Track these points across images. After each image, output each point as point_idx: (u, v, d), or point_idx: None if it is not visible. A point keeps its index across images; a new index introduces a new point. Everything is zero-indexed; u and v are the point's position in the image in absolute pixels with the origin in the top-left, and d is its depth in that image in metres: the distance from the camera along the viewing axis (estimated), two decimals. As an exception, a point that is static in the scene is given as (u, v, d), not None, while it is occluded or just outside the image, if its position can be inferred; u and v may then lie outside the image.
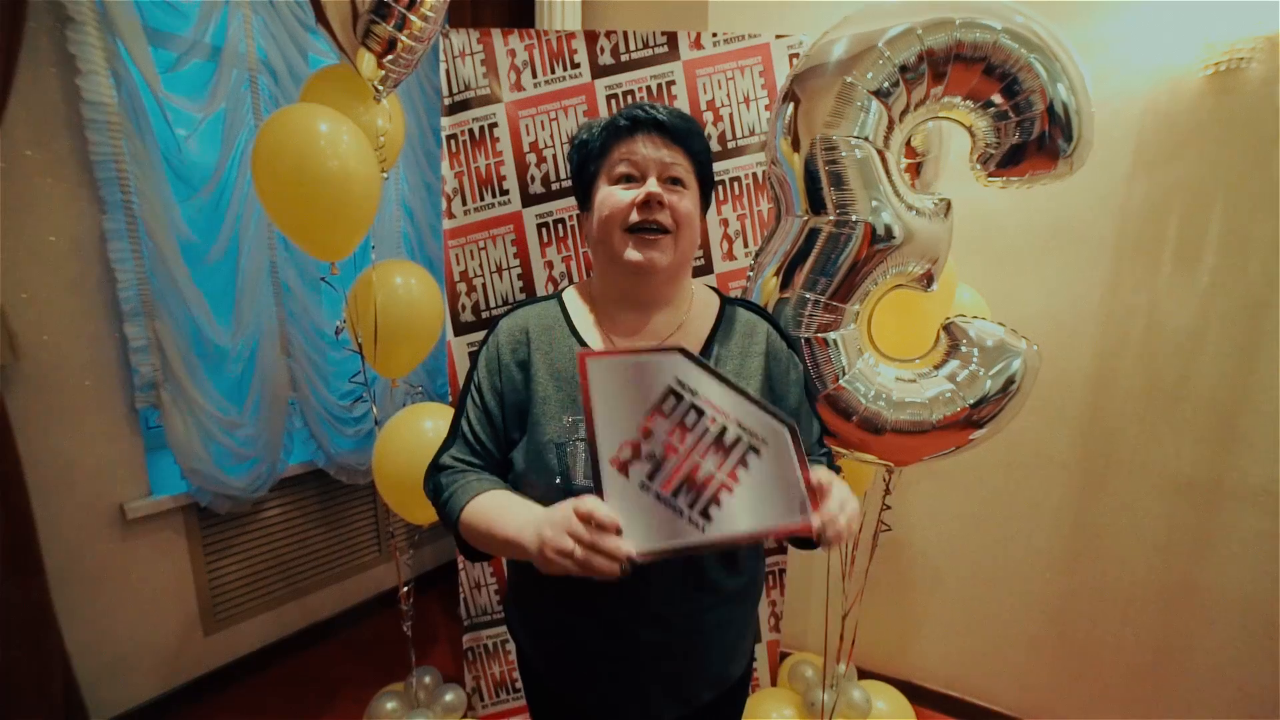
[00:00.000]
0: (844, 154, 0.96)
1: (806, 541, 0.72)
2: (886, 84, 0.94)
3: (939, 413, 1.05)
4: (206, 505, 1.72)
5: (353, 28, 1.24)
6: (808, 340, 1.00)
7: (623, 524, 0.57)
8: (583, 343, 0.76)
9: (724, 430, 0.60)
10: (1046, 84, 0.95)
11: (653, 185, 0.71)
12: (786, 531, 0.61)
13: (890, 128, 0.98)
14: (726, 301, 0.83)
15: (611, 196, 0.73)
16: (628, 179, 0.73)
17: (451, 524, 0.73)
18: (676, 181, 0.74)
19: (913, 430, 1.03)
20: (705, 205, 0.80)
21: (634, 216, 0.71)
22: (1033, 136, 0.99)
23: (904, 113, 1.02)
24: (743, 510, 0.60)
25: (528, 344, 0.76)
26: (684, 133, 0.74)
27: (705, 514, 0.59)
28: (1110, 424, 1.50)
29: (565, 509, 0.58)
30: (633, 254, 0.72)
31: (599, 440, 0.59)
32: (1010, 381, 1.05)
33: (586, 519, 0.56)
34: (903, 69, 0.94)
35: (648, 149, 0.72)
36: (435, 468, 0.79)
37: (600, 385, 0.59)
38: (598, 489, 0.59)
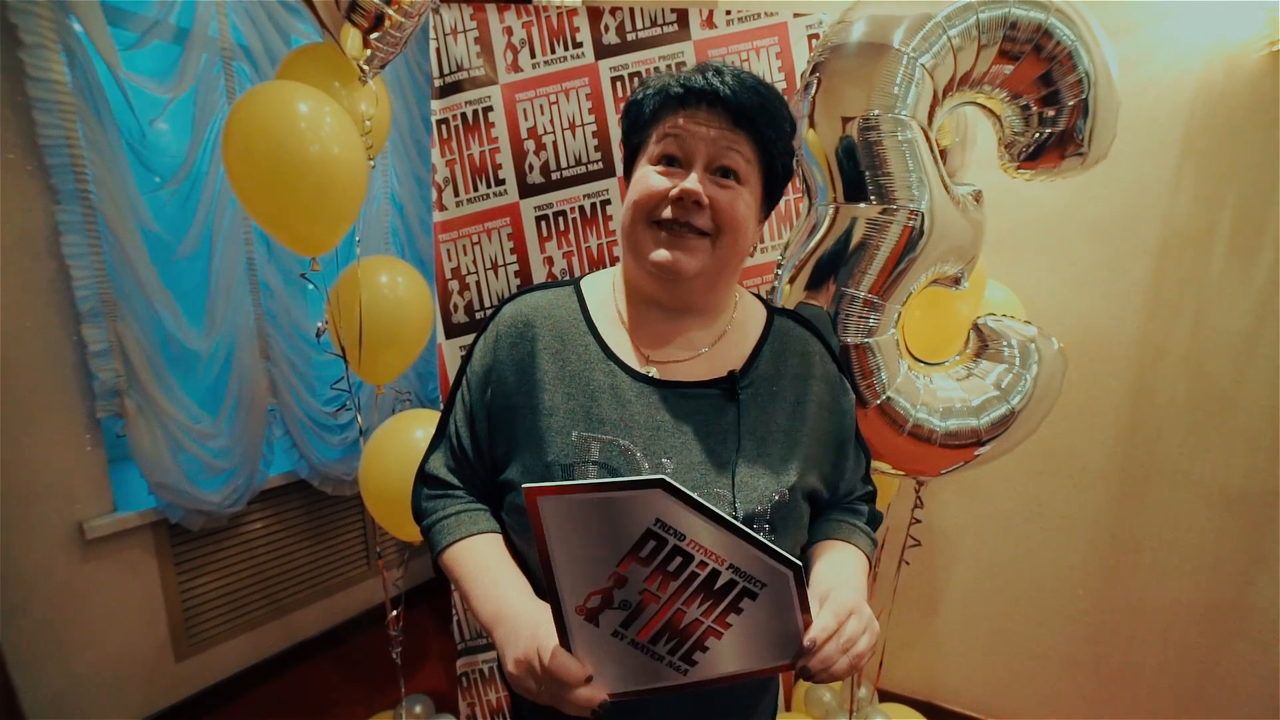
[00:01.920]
0: (888, 133, 0.85)
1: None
2: (938, 57, 0.84)
3: (986, 418, 0.95)
4: (178, 522, 1.60)
5: (335, 1, 1.12)
6: (852, 347, 0.89)
7: (593, 666, 0.50)
8: (603, 345, 0.64)
9: (715, 575, 0.50)
10: (1085, 74, 0.89)
11: (693, 180, 0.57)
12: (770, 672, 0.53)
13: (934, 105, 0.88)
14: (775, 312, 0.70)
15: (645, 180, 0.60)
16: (669, 160, 0.60)
17: (433, 556, 0.67)
18: (729, 173, 0.59)
19: (961, 443, 0.92)
20: (773, 202, 0.66)
21: (666, 212, 0.58)
22: (1061, 128, 0.93)
23: (948, 90, 0.91)
24: (731, 653, 0.52)
25: (532, 341, 0.64)
26: (752, 111, 0.58)
27: (688, 659, 0.51)
28: (1152, 431, 1.41)
29: (529, 646, 0.51)
30: (659, 253, 0.58)
31: (561, 588, 0.49)
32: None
33: (549, 674, 0.50)
34: (955, 42, 0.83)
35: (701, 128, 0.58)
36: (421, 478, 0.71)
37: (558, 526, 0.48)
38: (561, 637, 0.50)
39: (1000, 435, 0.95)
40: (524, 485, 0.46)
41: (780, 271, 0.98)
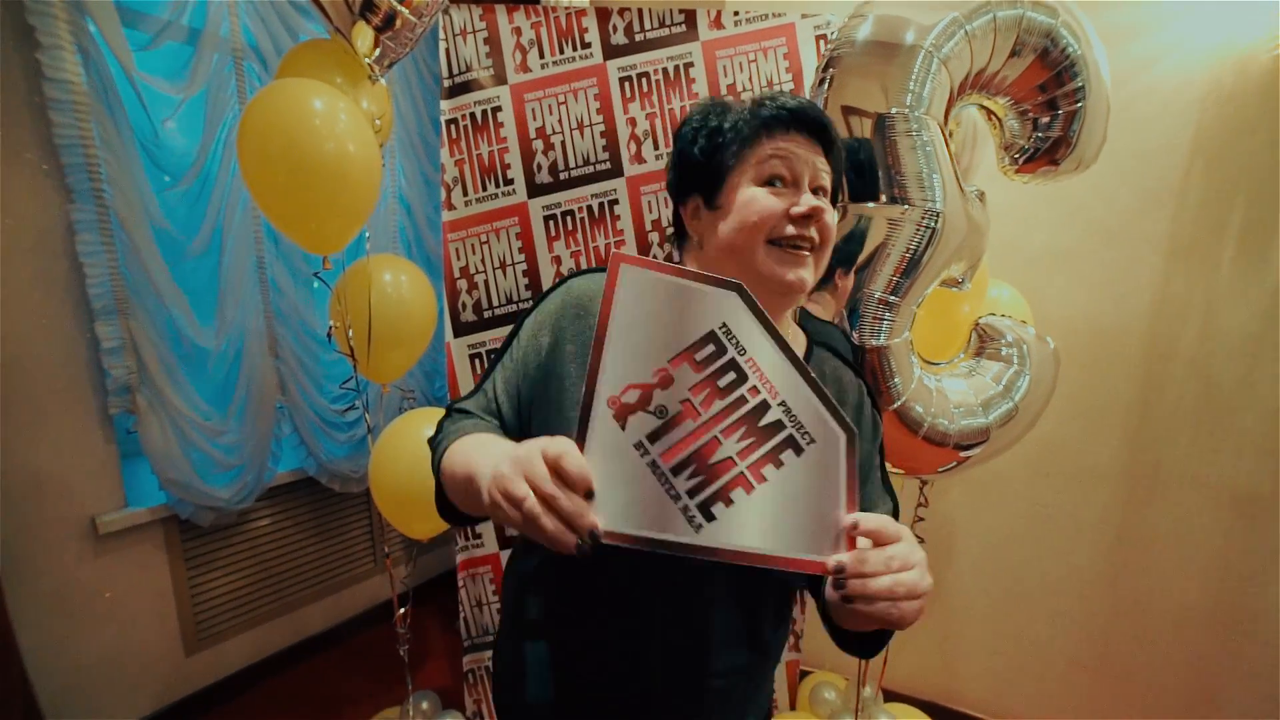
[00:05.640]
0: (904, 131, 0.86)
1: (852, 641, 0.63)
2: (956, 51, 0.84)
3: (993, 414, 0.96)
4: (188, 517, 1.61)
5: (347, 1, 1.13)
6: (868, 351, 0.90)
7: (598, 486, 0.44)
8: None
9: (765, 408, 0.46)
10: (1083, 83, 0.91)
11: (810, 197, 0.62)
12: (799, 565, 0.46)
13: (950, 103, 0.88)
14: (813, 341, 0.72)
15: (759, 200, 0.61)
16: (774, 181, 0.63)
17: (435, 474, 0.64)
18: (817, 192, 0.64)
19: (972, 441, 0.93)
20: None
21: (788, 229, 0.61)
22: (1056, 134, 0.95)
23: (962, 88, 0.92)
24: (756, 519, 0.46)
25: (595, 316, 0.64)
26: (834, 139, 0.65)
27: (707, 510, 0.45)
28: (1159, 433, 1.41)
29: (531, 445, 0.46)
30: (788, 273, 0.61)
31: (602, 369, 0.45)
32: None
33: (553, 465, 0.43)
34: (973, 36, 0.84)
35: (803, 150, 0.62)
36: (446, 413, 0.70)
37: (627, 300, 0.45)
38: (580, 431, 0.45)
39: (1002, 430, 0.96)
40: (613, 252, 0.46)
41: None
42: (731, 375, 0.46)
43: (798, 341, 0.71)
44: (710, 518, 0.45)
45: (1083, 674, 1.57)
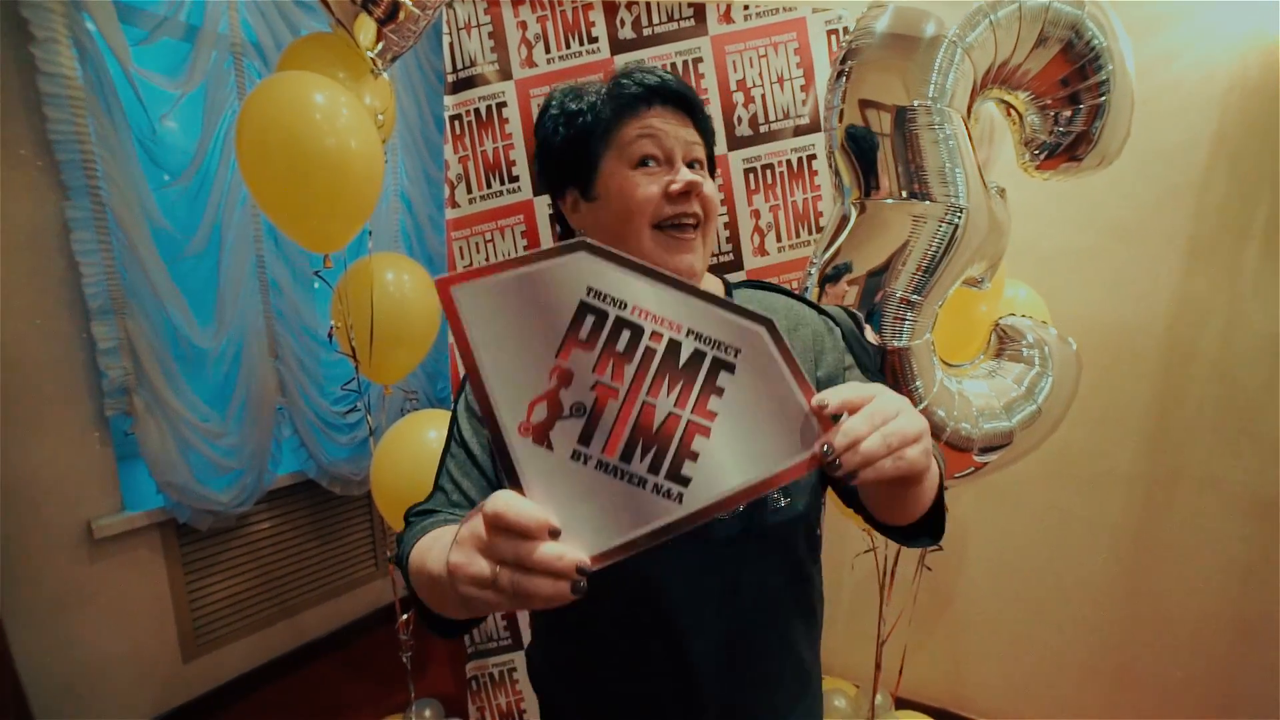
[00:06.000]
0: (925, 125, 0.83)
1: (916, 529, 0.57)
2: (980, 40, 0.81)
3: (1016, 417, 0.93)
4: (186, 521, 1.59)
5: (348, -9, 1.10)
6: (890, 352, 0.87)
7: (559, 518, 0.39)
8: None
9: (675, 346, 0.42)
10: (1107, 76, 0.87)
11: (687, 172, 0.60)
12: (792, 474, 0.42)
13: (973, 95, 0.85)
14: (731, 286, 0.70)
15: (632, 184, 0.59)
16: (647, 161, 0.59)
17: (412, 595, 0.54)
18: (692, 164, 0.62)
19: (995, 445, 0.90)
20: None
21: (669, 209, 0.59)
22: (1079, 129, 0.92)
23: (985, 81, 0.89)
24: (730, 456, 0.42)
25: None
26: (699, 107, 0.63)
27: (678, 475, 0.41)
28: (1178, 436, 1.37)
29: (472, 518, 0.40)
30: (676, 261, 0.60)
31: (496, 404, 0.40)
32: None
33: (498, 524, 0.37)
34: (998, 25, 0.81)
35: (671, 126, 0.60)
36: (404, 523, 0.64)
37: (480, 321, 0.40)
38: (510, 475, 0.40)
39: (1026, 433, 0.93)
40: (435, 279, 0.41)
41: (811, 270, 0.96)
42: (626, 334, 0.41)
43: (716, 289, 0.68)
44: (685, 481, 0.41)
45: (1097, 680, 1.53)
